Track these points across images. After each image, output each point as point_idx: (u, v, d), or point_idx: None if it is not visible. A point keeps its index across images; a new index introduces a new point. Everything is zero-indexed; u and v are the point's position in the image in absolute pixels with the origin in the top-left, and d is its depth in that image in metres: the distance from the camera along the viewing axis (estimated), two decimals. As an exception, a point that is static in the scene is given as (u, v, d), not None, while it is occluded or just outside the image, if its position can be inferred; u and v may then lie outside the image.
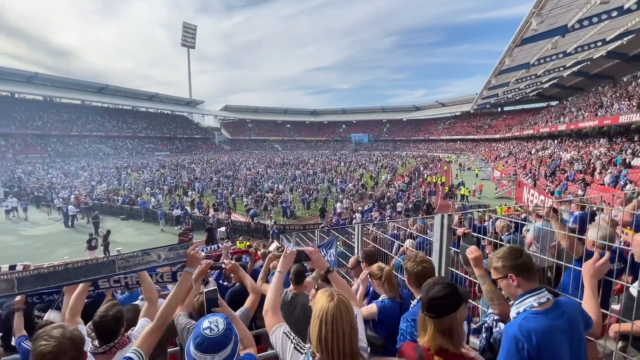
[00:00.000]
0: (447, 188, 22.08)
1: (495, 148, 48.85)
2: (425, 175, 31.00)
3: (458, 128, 70.06)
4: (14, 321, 2.47)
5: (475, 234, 2.81)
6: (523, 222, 4.61)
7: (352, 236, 6.42)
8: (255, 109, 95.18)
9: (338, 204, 19.19)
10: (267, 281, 3.42)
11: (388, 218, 15.07)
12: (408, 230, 5.64)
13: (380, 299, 2.30)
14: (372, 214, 16.03)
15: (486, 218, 9.04)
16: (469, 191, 22.22)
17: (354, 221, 14.49)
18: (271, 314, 1.52)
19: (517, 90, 41.30)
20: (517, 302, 1.48)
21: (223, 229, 15.73)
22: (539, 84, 38.79)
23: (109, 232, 13.25)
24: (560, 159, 23.91)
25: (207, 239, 14.28)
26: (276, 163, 44.84)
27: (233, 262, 3.11)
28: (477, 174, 32.66)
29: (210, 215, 17.76)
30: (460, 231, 2.26)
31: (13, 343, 2.55)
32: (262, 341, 3.22)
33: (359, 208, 18.45)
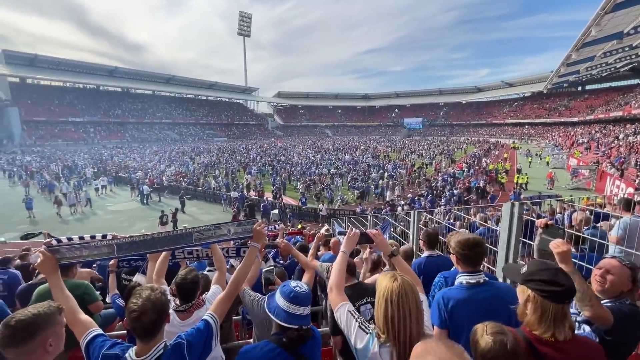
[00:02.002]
0: (516, 178, 20.20)
1: (573, 133, 43.11)
2: (485, 163, 28.60)
3: (527, 110, 62.94)
4: (108, 281, 2.93)
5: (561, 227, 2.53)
6: (607, 213, 4.04)
7: (401, 222, 6.26)
8: (307, 94, 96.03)
9: (388, 192, 18.73)
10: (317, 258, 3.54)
11: (444, 207, 14.35)
12: (472, 219, 5.30)
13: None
14: (423, 202, 15.40)
15: (559, 210, 8.14)
16: (526, 178, 20.21)
17: (398, 209, 14.07)
18: (335, 291, 1.54)
19: (604, 65, 35.52)
20: (457, 276, 1.90)
21: (276, 211, 16.44)
22: (634, 56, 32.89)
23: (177, 210, 14.70)
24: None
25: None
26: (325, 149, 45.06)
27: (286, 241, 3.26)
28: (548, 162, 29.32)
29: (264, 198, 18.65)
30: (542, 222, 2.03)
31: (108, 300, 3.03)
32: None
33: (409, 196, 17.84)
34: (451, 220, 6.03)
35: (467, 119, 74.30)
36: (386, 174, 25.01)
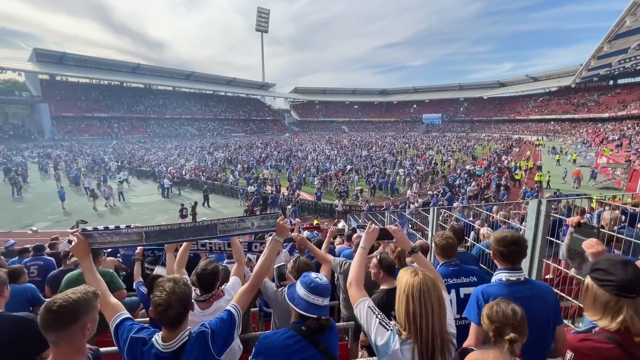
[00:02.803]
0: (538, 176, 19.46)
1: (602, 129, 41.05)
2: (506, 161, 27.61)
3: (553, 106, 60.30)
4: (134, 269, 3.05)
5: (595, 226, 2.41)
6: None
7: (416, 218, 6.15)
8: (324, 90, 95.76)
9: (409, 191, 18.44)
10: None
11: (462, 203, 14.02)
12: (494, 217, 5.15)
13: None
14: (440, 199, 15.09)
15: (587, 209, 7.77)
16: (548, 176, 19.46)
17: (412, 206, 13.81)
18: (355, 287, 1.52)
19: (639, 58, 33.62)
20: (495, 272, 1.88)
21: (291, 206, 16.55)
22: (672, 48, 30.94)
23: (196, 203, 15.05)
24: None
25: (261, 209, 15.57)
26: (342, 145, 44.85)
27: (301, 235, 3.28)
28: (574, 160, 28.06)
29: (281, 193, 18.80)
30: (573, 220, 1.93)
31: (133, 287, 3.14)
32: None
33: (429, 193, 17.49)
34: (471, 218, 5.86)
35: (489, 114, 72.01)
36: (401, 171, 24.69)
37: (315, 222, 11.31)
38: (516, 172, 21.54)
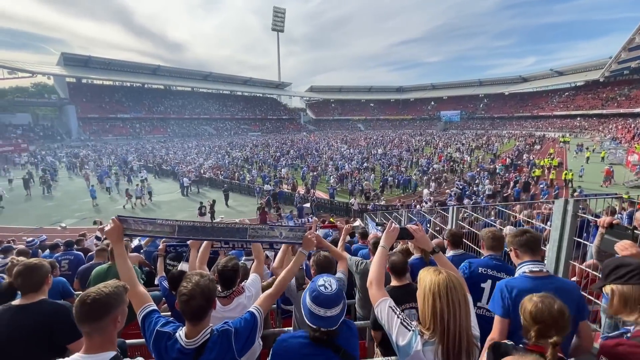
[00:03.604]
0: (565, 173, 18.67)
1: (634, 125, 38.92)
2: (526, 159, 26.57)
3: (579, 101, 57.67)
4: (157, 265, 3.14)
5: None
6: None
7: (437, 218, 6.03)
8: (340, 88, 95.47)
9: (425, 191, 18.12)
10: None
11: (481, 202, 13.66)
12: (518, 217, 5.00)
13: None
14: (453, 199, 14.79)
15: (617, 209, 7.40)
16: (571, 175, 18.63)
17: (424, 205, 13.55)
18: (375, 286, 1.51)
19: (675, 48, 31.67)
20: (517, 268, 1.91)
21: (308, 204, 16.59)
22: None
23: (214, 201, 15.34)
24: None
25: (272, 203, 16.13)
26: (357, 143, 44.57)
27: (316, 233, 3.27)
28: (603, 157, 26.78)
29: (297, 191, 18.90)
30: (605, 221, 1.85)
31: (156, 282, 3.25)
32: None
33: (447, 191, 17.15)
34: (492, 217, 5.70)
35: (510, 111, 69.67)
36: (415, 169, 24.31)
37: (331, 220, 11.31)
38: (534, 170, 21.00)
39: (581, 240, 2.59)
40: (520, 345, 1.34)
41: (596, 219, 2.62)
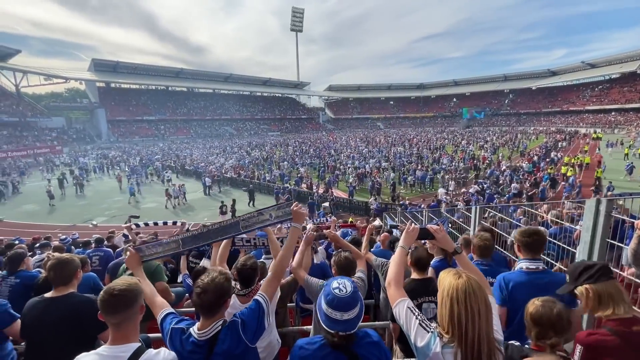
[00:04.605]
0: (599, 172, 17.60)
1: (675, 119, 36.28)
2: (555, 157, 25.14)
3: (614, 95, 54.41)
4: (180, 263, 3.27)
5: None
6: None
7: (460, 219, 5.86)
8: (358, 87, 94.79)
9: (440, 190, 17.60)
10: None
11: (508, 202, 13.14)
12: (545, 217, 4.79)
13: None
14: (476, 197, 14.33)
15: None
16: (600, 172, 17.58)
17: (442, 205, 13.13)
18: (394, 287, 1.49)
19: None
20: (517, 262, 2.12)
21: (327, 204, 16.59)
22: None
23: (234, 201, 15.65)
24: None
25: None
26: (377, 142, 44.07)
27: (334, 232, 3.23)
28: (639, 154, 25.15)
29: (314, 190, 18.93)
30: None
31: (179, 279, 3.37)
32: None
33: (470, 190, 16.59)
34: (520, 217, 5.46)
35: (538, 106, 66.69)
36: (436, 167, 23.72)
37: (350, 220, 11.26)
38: (559, 167, 20.23)
39: (615, 242, 2.45)
40: (526, 345, 1.48)
41: (632, 220, 2.46)
